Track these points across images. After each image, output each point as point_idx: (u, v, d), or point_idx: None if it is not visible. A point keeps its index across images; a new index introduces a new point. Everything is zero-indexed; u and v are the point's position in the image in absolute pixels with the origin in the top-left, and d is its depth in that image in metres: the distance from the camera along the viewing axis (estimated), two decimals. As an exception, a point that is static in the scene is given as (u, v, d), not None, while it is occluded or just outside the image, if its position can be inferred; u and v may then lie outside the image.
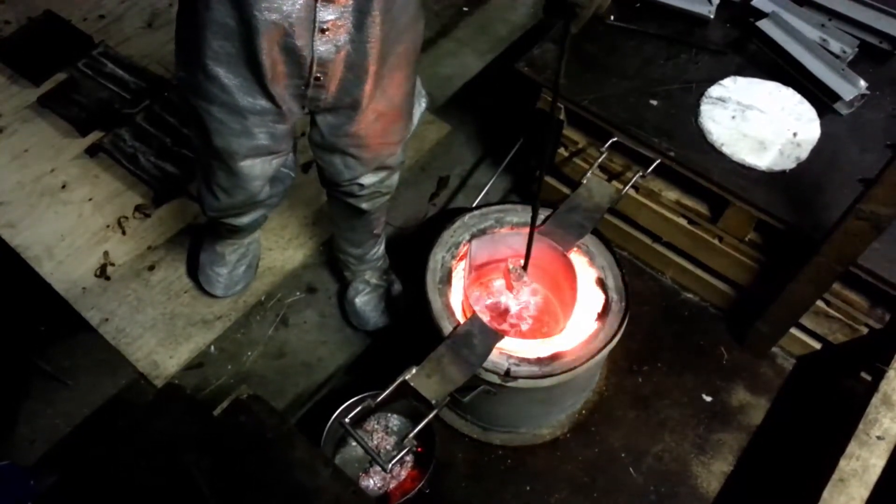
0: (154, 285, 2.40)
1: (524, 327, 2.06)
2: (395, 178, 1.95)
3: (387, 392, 1.64)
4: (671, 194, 2.17)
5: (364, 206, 1.96)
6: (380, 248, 2.26)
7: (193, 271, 2.40)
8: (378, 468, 2.04)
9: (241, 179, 1.76)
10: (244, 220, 2.01)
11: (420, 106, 1.82)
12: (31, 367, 2.22)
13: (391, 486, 2.04)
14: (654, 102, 2.11)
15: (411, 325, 2.09)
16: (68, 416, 2.16)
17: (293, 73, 1.52)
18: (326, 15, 1.42)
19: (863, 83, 2.06)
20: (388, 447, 2.08)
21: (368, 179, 1.86)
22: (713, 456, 2.11)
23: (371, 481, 2.05)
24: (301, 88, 1.56)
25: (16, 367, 2.22)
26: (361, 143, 1.73)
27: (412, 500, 1.96)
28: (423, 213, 2.61)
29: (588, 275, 1.95)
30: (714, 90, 2.12)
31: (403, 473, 2.06)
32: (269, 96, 1.55)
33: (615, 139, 2.07)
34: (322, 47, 1.46)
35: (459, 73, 3.01)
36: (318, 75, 1.52)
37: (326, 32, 1.44)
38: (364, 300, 2.28)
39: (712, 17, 2.26)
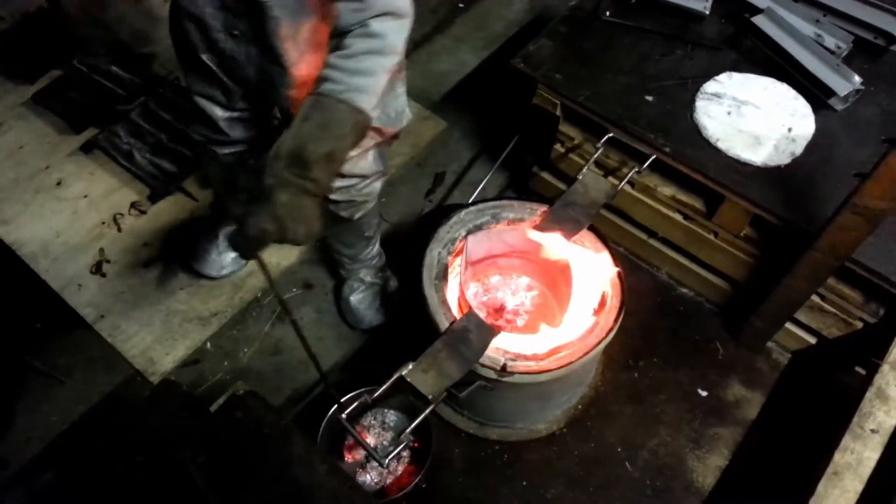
0: (150, 282, 2.40)
1: (520, 323, 2.06)
2: (373, 186, 1.88)
3: (383, 388, 1.64)
4: (667, 190, 2.17)
5: (343, 213, 1.91)
6: (373, 248, 2.26)
7: (189, 254, 2.43)
8: (375, 463, 2.04)
9: (199, 111, 1.79)
10: (220, 150, 1.95)
11: (401, 121, 1.77)
12: (27, 364, 2.21)
13: (388, 481, 2.05)
14: (650, 98, 2.12)
15: (408, 321, 2.09)
16: (64, 414, 2.16)
17: (214, 57, 1.58)
18: (236, 23, 1.47)
19: (857, 78, 2.06)
20: (384, 443, 2.09)
21: (336, 183, 1.78)
22: (708, 450, 2.12)
23: (368, 476, 2.05)
24: (228, 71, 1.61)
25: (11, 364, 2.22)
26: None
27: (409, 495, 1.97)
28: (419, 210, 2.61)
29: (584, 270, 1.95)
30: (709, 86, 2.12)
31: (400, 469, 2.07)
32: (204, 63, 1.61)
33: (611, 135, 2.07)
34: (234, 48, 1.53)
35: (455, 69, 3.01)
36: (234, 69, 1.57)
37: (237, 38, 1.50)
38: (359, 298, 2.28)
39: (708, 12, 2.27)
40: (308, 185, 1.31)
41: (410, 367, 1.66)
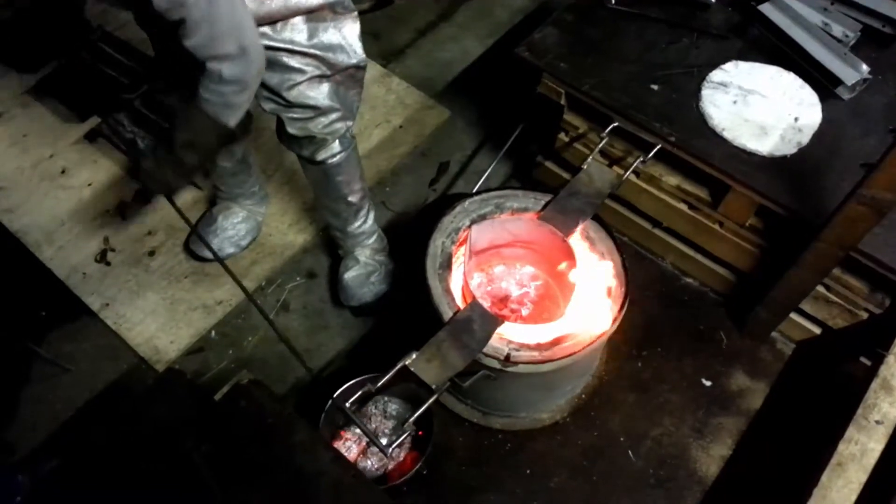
0: (154, 270, 2.41)
1: (524, 312, 2.06)
2: (334, 126, 1.91)
3: (387, 377, 1.64)
4: (672, 179, 2.16)
5: (305, 152, 1.97)
6: (365, 224, 2.25)
7: (188, 237, 2.45)
8: (376, 449, 2.04)
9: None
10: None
11: (346, 55, 1.80)
12: (32, 352, 2.22)
13: (390, 466, 2.06)
14: (655, 87, 2.10)
15: (411, 310, 2.09)
16: (69, 401, 2.17)
17: None
18: None
19: (865, 67, 2.05)
20: (386, 431, 2.09)
21: (289, 114, 1.85)
22: (712, 440, 2.12)
23: (369, 462, 2.06)
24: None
25: (16, 352, 2.22)
26: None
27: (410, 481, 1.98)
28: (423, 199, 2.61)
29: (588, 260, 1.94)
30: (715, 75, 2.11)
31: (402, 455, 2.07)
32: None
33: (616, 124, 2.06)
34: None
35: (459, 57, 3.00)
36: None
37: None
38: (351, 276, 2.29)
39: (714, 0, 2.25)
40: (170, 158, 1.75)
41: (414, 356, 1.66)
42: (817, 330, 2.18)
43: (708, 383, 2.21)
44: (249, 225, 2.42)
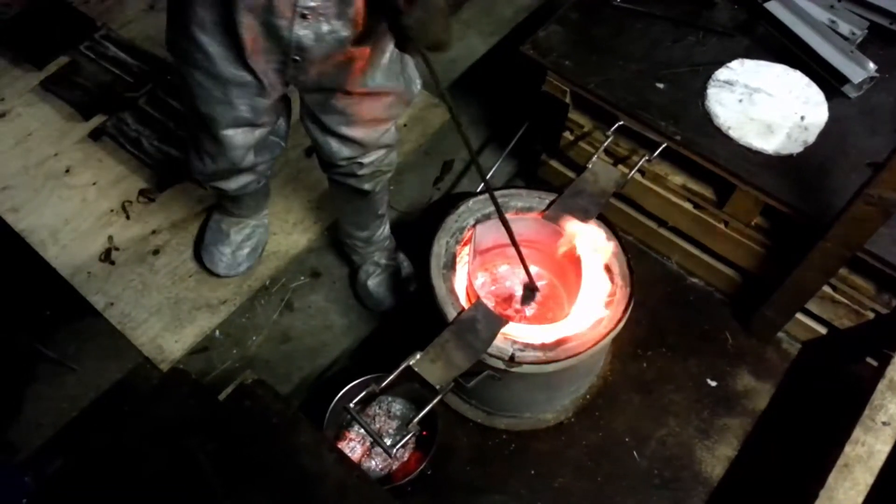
0: (159, 269, 2.41)
1: (529, 313, 2.05)
2: (394, 155, 1.94)
3: (391, 377, 1.64)
4: (677, 178, 2.15)
5: (366, 186, 1.95)
6: (385, 229, 2.26)
7: (199, 252, 2.40)
8: (379, 449, 2.04)
9: (223, 147, 1.77)
10: (231, 185, 1.99)
11: (415, 86, 1.79)
12: (36, 351, 2.22)
13: (394, 466, 2.05)
14: (661, 86, 2.09)
15: (416, 310, 2.09)
16: (74, 400, 2.17)
17: (273, 50, 1.52)
18: (308, 1, 1.41)
19: (872, 66, 2.03)
20: (390, 431, 2.09)
21: (367, 158, 1.85)
22: (717, 441, 2.11)
23: (373, 462, 2.06)
24: (282, 65, 1.56)
25: (21, 351, 2.23)
26: (350, 121, 1.72)
27: (414, 482, 1.98)
28: (427, 198, 2.60)
29: (593, 259, 1.94)
30: (721, 73, 2.09)
31: (406, 455, 2.07)
32: (249, 69, 1.56)
33: (621, 123, 2.05)
34: (301, 31, 1.46)
35: (464, 55, 2.99)
36: (297, 57, 1.52)
37: (307, 18, 1.44)
38: (376, 282, 2.28)
39: (720, -2, 2.24)
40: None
41: (418, 356, 1.66)
42: (823, 330, 2.17)
43: (713, 383, 2.21)
44: (260, 234, 2.39)
